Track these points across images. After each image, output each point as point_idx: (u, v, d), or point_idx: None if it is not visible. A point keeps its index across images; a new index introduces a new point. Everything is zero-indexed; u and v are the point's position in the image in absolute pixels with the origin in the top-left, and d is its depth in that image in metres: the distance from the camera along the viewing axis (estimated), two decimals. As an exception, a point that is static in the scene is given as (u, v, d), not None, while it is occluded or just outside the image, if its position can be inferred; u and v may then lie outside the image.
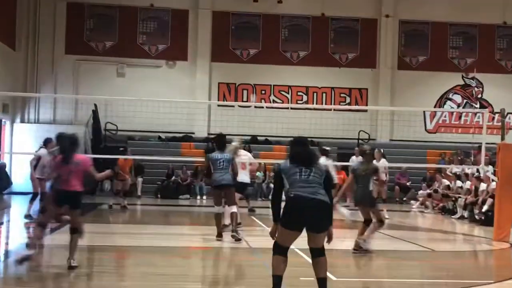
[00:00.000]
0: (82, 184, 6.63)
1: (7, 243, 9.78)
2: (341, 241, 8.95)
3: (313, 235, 5.09)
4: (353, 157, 14.65)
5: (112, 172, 10.08)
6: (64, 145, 6.68)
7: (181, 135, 20.25)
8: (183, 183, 18.71)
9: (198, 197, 18.12)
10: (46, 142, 11.62)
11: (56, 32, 20.93)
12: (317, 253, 5.24)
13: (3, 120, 19.51)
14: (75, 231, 6.63)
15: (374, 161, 10.65)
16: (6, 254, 8.64)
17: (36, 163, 11.72)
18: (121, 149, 17.97)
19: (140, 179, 18.81)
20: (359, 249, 8.36)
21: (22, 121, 20.62)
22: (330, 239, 5.31)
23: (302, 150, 5.30)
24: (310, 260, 6.05)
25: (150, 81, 20.60)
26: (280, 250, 5.20)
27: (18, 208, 15.22)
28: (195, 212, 15.94)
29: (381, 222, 8.68)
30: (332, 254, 6.77)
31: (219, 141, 9.60)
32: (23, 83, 20.57)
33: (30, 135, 19.25)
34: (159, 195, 18.30)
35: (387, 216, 12.00)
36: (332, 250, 6.79)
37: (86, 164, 6.71)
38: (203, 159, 19.49)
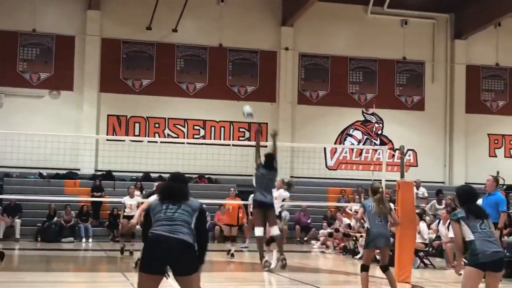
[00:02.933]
0: None
1: None
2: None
3: (179, 279, 4.79)
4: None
5: None
6: None
7: (64, 171, 18.98)
8: (66, 224, 17.32)
9: (84, 240, 16.62)
10: None
11: None
12: None
13: None
14: None
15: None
16: None
17: None
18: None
19: (17, 221, 17.05)
20: None
21: None
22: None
23: (172, 185, 5.04)
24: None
25: (31, 113, 19.19)
26: None
27: None
28: (80, 257, 14.78)
29: None
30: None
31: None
32: None
33: None
34: (39, 238, 16.66)
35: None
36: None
37: None
38: (88, 198, 17.69)
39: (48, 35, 19.85)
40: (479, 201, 9.61)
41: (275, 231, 11.08)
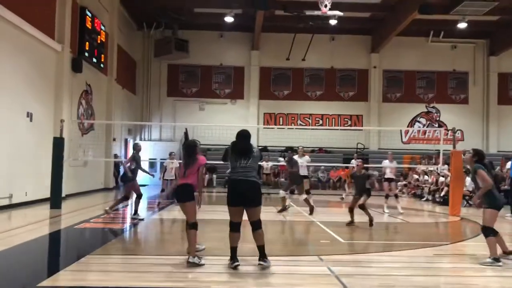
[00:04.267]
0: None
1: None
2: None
3: (249, 210, 5.31)
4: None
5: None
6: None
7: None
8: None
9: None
10: (170, 154, 13.27)
11: (161, 82, 24.55)
12: (255, 226, 5.43)
13: (128, 139, 23.33)
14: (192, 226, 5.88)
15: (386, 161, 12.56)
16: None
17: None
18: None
19: (214, 176, 21.55)
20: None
21: (140, 139, 23.98)
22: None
23: (242, 146, 5.41)
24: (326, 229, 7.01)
25: (220, 113, 24.15)
26: (233, 227, 5.40)
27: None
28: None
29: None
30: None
31: None
32: (140, 115, 24.37)
33: (145, 148, 21.04)
34: (226, 186, 15.67)
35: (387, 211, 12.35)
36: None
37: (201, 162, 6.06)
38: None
39: (229, 66, 24.82)
40: (508, 163, 12.35)
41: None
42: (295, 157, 12.41)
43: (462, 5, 20.21)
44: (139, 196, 10.01)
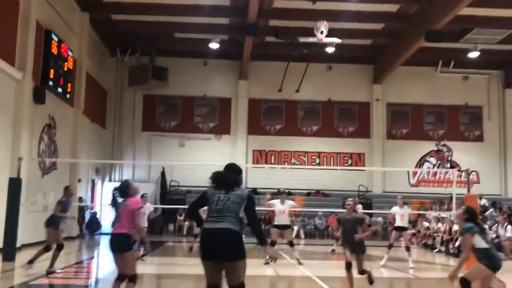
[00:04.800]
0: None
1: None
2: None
3: (226, 265, 4.62)
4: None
5: None
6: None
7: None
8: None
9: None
10: (142, 196, 12.36)
11: (135, 115, 24.63)
12: None
13: (95, 179, 23.03)
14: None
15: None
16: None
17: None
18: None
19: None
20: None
21: (110, 180, 23.81)
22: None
23: (225, 174, 4.95)
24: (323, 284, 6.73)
25: (203, 150, 24.14)
26: None
27: (106, 245, 17.44)
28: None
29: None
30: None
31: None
32: (110, 152, 24.13)
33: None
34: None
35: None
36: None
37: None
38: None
39: (214, 98, 24.95)
40: None
41: None
42: (276, 201, 12.61)
43: (472, 33, 20.91)
44: (60, 247, 10.06)
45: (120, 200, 6.40)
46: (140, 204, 6.40)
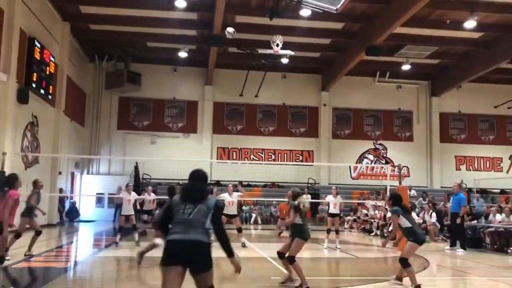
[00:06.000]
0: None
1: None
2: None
3: (195, 276, 3.92)
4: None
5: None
6: None
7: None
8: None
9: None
10: (127, 186, 12.85)
11: (111, 115, 24.19)
12: None
13: (75, 172, 22.89)
14: None
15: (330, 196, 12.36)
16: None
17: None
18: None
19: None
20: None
21: (88, 173, 23.66)
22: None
23: (192, 187, 4.09)
24: (277, 265, 6.73)
25: (172, 147, 23.81)
26: None
27: (84, 231, 17.02)
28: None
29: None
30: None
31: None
32: (88, 148, 23.72)
33: (93, 182, 22.69)
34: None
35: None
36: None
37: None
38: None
39: (183, 100, 24.71)
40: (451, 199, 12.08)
41: None
42: (225, 194, 12.41)
43: (405, 49, 21.55)
44: (38, 233, 9.92)
45: None
46: (16, 195, 6.18)
